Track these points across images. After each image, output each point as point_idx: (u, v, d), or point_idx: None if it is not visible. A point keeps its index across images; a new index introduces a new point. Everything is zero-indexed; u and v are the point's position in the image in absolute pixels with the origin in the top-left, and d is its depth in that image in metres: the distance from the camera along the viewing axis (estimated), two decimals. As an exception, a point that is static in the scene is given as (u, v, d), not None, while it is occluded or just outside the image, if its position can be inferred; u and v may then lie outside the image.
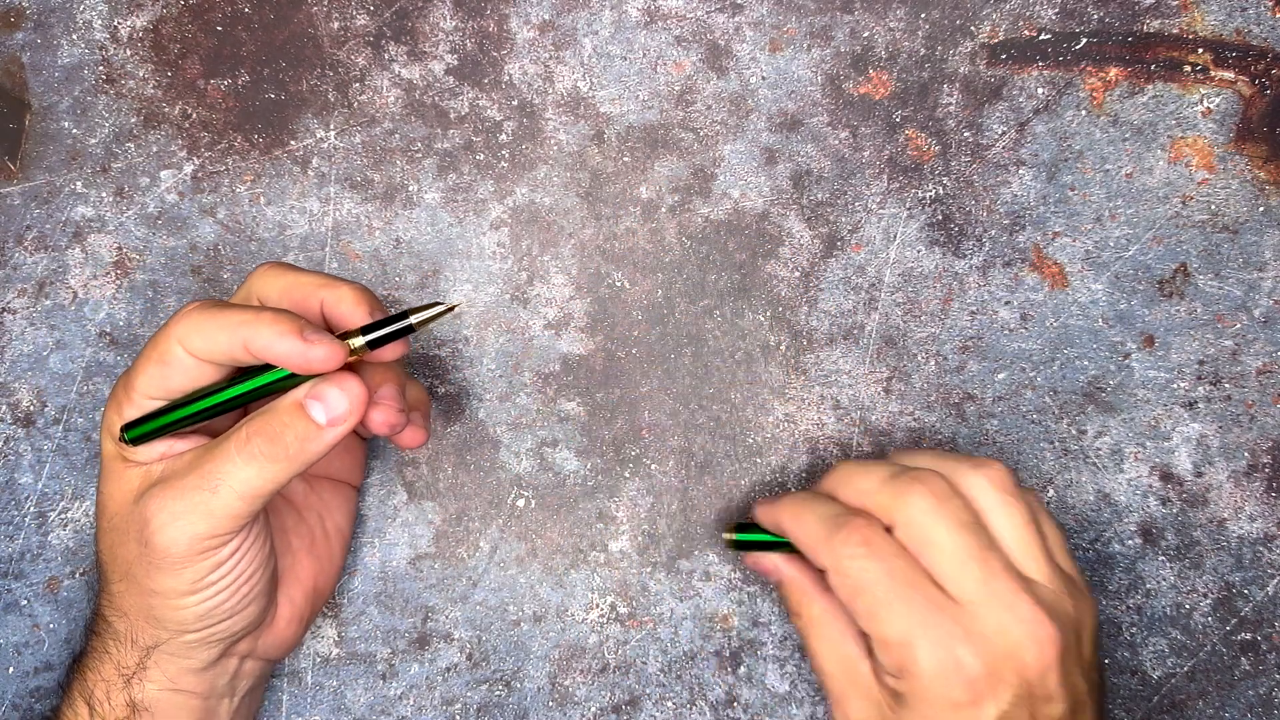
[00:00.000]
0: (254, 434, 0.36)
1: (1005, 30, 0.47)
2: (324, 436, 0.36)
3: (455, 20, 0.47)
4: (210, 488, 0.36)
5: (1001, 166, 0.47)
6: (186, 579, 0.37)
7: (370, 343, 0.37)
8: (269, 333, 0.35)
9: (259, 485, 0.36)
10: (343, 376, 0.36)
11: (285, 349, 0.35)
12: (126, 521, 0.37)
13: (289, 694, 0.47)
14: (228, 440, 0.36)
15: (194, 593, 0.37)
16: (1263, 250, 0.47)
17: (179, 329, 0.36)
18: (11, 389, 0.47)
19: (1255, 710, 0.47)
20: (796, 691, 0.47)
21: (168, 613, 0.38)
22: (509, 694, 0.47)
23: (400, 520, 0.48)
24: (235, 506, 0.36)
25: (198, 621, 0.38)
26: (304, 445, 0.36)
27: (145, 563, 0.37)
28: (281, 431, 0.35)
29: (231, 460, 0.36)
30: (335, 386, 0.36)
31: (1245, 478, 0.47)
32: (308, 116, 0.47)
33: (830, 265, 0.48)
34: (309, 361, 0.35)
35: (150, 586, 0.37)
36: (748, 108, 0.47)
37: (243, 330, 0.35)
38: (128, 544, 0.37)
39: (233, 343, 0.35)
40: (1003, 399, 0.47)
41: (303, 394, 0.36)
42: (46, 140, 0.47)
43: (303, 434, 0.36)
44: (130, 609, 0.39)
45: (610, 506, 0.48)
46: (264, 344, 0.35)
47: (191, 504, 0.36)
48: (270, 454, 0.36)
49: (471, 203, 0.48)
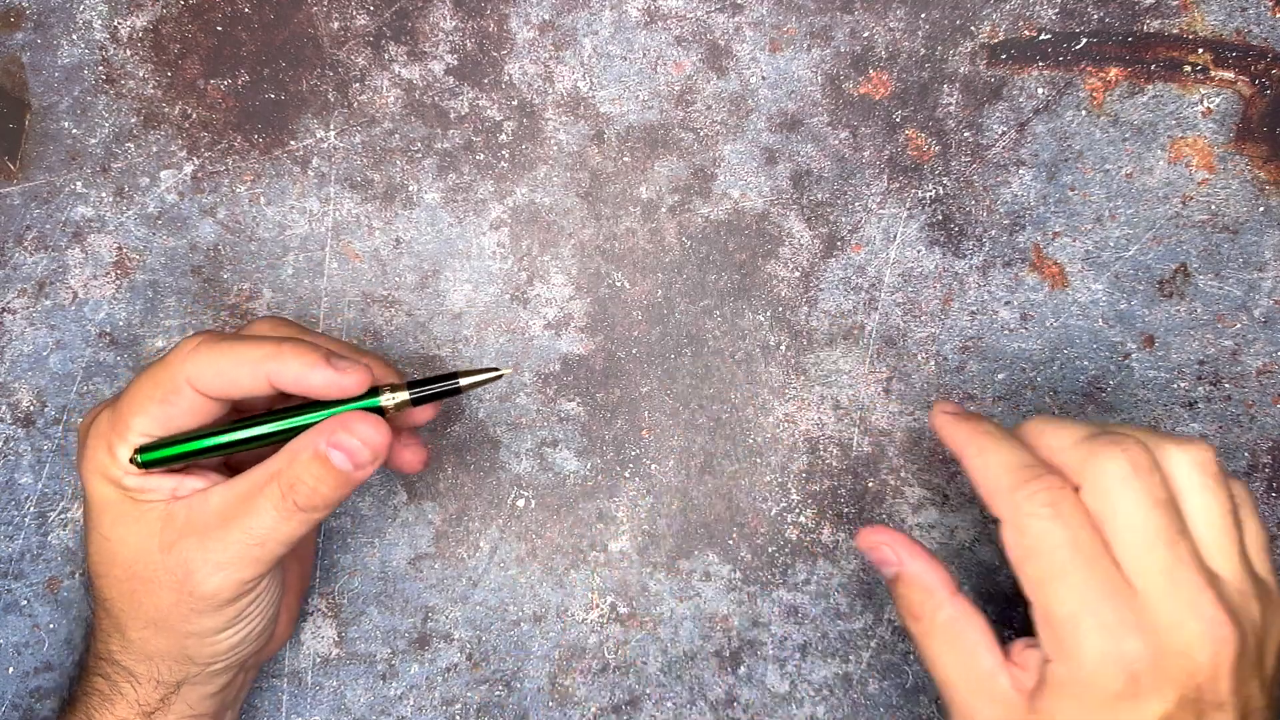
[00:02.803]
0: (288, 490, 0.36)
1: (1005, 30, 0.47)
2: (353, 482, 0.36)
3: (455, 20, 0.47)
4: (257, 542, 0.36)
5: (1001, 166, 0.47)
6: (224, 618, 0.37)
7: (414, 400, 0.37)
8: (297, 364, 0.35)
9: (297, 535, 0.37)
10: (359, 422, 0.36)
11: (319, 380, 0.35)
12: (157, 571, 0.37)
13: (289, 694, 0.47)
14: (261, 495, 0.36)
15: (229, 628, 0.38)
16: (1263, 250, 0.47)
17: (189, 367, 0.35)
18: (11, 389, 0.47)
19: (1255, 710, 0.47)
20: (796, 691, 0.47)
21: (203, 650, 0.38)
22: (509, 694, 0.47)
23: (400, 520, 0.48)
24: (278, 553, 0.37)
25: (230, 652, 0.39)
26: (335, 494, 0.36)
27: (185, 609, 0.37)
28: (317, 486, 0.36)
29: (271, 515, 0.36)
30: (356, 437, 0.36)
31: (1245, 478, 0.47)
32: (308, 116, 0.47)
33: (830, 265, 0.48)
34: (343, 390, 0.35)
35: (188, 630, 0.37)
36: (748, 108, 0.47)
37: (267, 365, 0.35)
38: (159, 592, 0.37)
39: (255, 378, 0.35)
40: (1003, 399, 0.47)
41: (322, 444, 0.36)
42: (46, 140, 0.47)
43: (334, 485, 0.36)
44: (157, 652, 0.38)
45: (610, 506, 0.48)
46: (294, 376, 0.35)
47: (237, 555, 0.36)
48: (310, 508, 0.36)
49: (471, 203, 0.48)
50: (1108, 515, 0.33)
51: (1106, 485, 0.33)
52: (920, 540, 0.47)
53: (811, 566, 0.47)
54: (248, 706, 0.47)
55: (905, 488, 0.48)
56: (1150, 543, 0.33)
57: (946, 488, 0.48)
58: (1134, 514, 0.33)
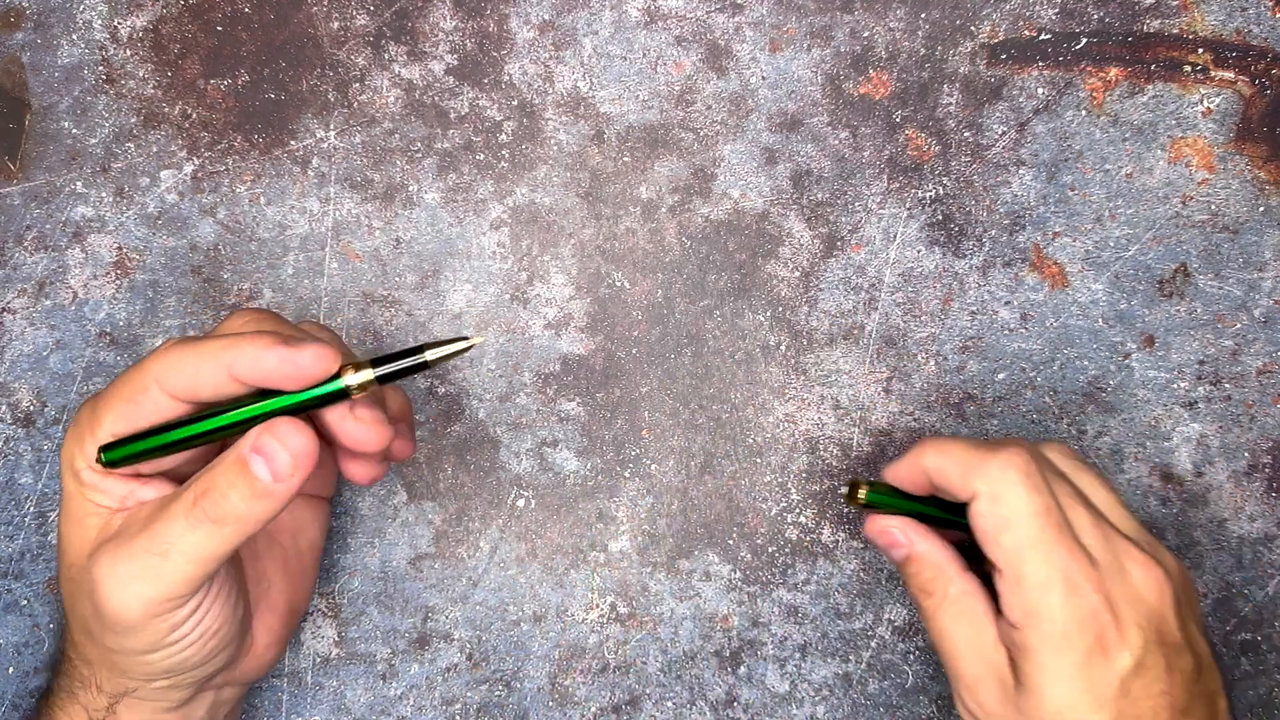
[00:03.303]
0: (200, 496, 0.33)
1: (1005, 30, 0.47)
2: (272, 495, 0.33)
3: (455, 20, 0.47)
4: (160, 552, 0.33)
5: (1001, 166, 0.47)
6: (144, 640, 0.34)
7: (380, 378, 0.34)
8: (252, 350, 0.32)
9: (210, 550, 0.33)
10: (284, 426, 0.33)
11: (272, 361, 0.32)
12: (81, 575, 0.35)
13: (289, 694, 0.47)
14: (176, 501, 0.33)
15: (154, 650, 0.35)
16: (1263, 250, 0.47)
17: (156, 366, 0.34)
18: (11, 389, 0.47)
19: (1255, 710, 0.47)
20: (796, 691, 0.47)
21: (132, 667, 0.36)
22: (509, 694, 0.47)
23: (400, 520, 0.48)
24: (186, 571, 0.33)
25: (165, 674, 0.36)
26: (251, 508, 0.33)
27: (99, 623, 0.34)
28: (227, 493, 0.32)
29: (179, 522, 0.33)
30: (275, 438, 0.32)
31: (1245, 478, 0.47)
32: (308, 116, 0.47)
33: (830, 265, 0.48)
34: (300, 369, 0.32)
35: (109, 645, 0.35)
36: (748, 108, 0.47)
37: (226, 355, 0.33)
38: (82, 600, 0.35)
39: (217, 373, 0.33)
40: (1003, 399, 0.47)
41: (246, 446, 0.33)
42: (46, 140, 0.47)
43: (248, 494, 0.32)
44: (93, 658, 0.36)
45: (610, 506, 0.48)
46: (249, 362, 0.32)
47: (141, 568, 0.33)
48: (218, 518, 0.33)
49: (471, 203, 0.48)
50: None
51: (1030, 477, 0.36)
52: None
53: (811, 566, 0.47)
54: (247, 706, 0.47)
55: (905, 488, 0.48)
56: (1090, 518, 0.36)
57: (946, 488, 0.48)
58: (1066, 496, 0.36)
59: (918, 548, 0.38)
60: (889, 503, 0.39)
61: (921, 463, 0.37)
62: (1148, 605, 0.35)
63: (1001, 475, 0.35)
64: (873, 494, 0.39)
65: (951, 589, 0.37)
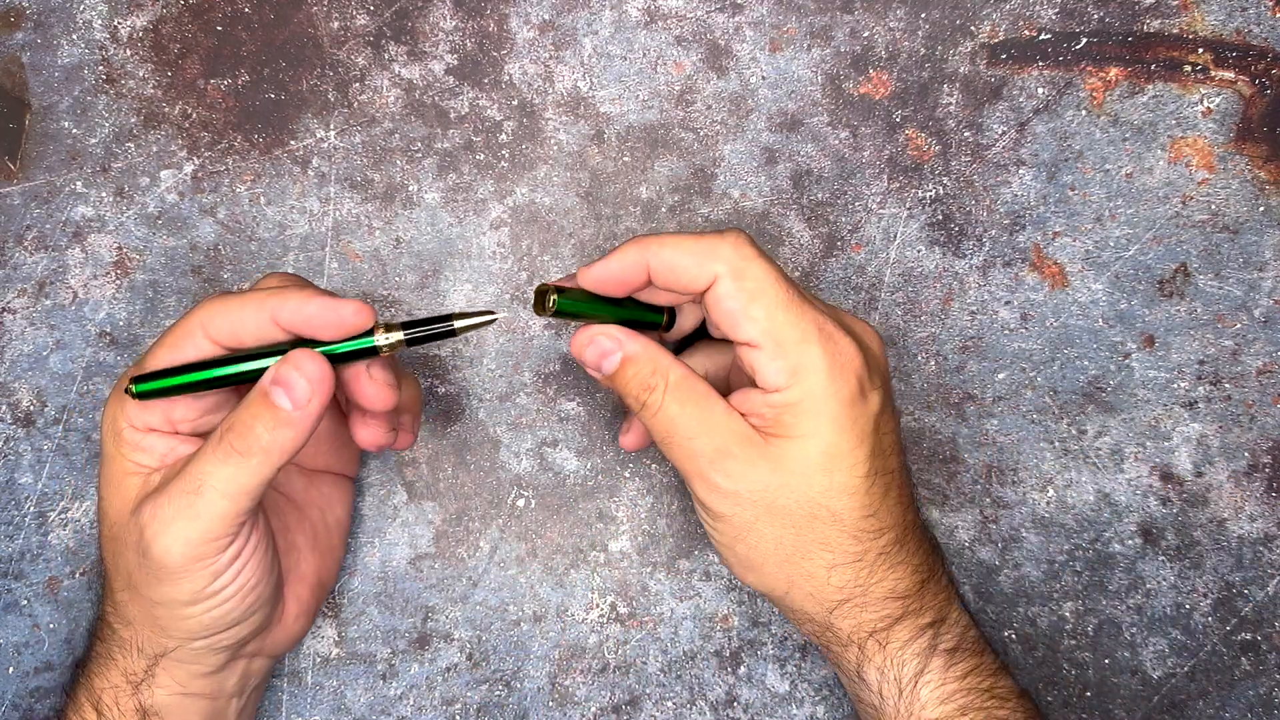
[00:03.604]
0: (227, 430, 0.35)
1: (1005, 30, 0.47)
2: (293, 423, 0.35)
3: (455, 20, 0.47)
4: (194, 489, 0.35)
5: (1001, 166, 0.47)
6: (186, 589, 0.36)
7: (408, 341, 0.36)
8: (297, 297, 0.35)
9: (240, 483, 0.35)
10: (300, 356, 0.35)
11: (314, 308, 0.35)
12: (125, 530, 0.37)
13: (289, 694, 0.47)
14: (206, 443, 0.36)
15: (196, 603, 0.37)
16: (1263, 250, 0.47)
17: (202, 313, 0.36)
18: (11, 389, 0.47)
19: (1255, 710, 0.47)
20: (796, 691, 0.47)
21: (173, 623, 0.37)
22: (509, 694, 0.47)
23: (400, 520, 0.48)
24: (221, 506, 0.35)
25: (204, 630, 0.38)
26: (275, 436, 0.35)
27: (144, 572, 0.36)
28: (252, 424, 0.35)
29: (210, 459, 0.35)
30: (293, 368, 0.35)
31: (1245, 478, 0.47)
32: (308, 116, 0.47)
33: (830, 265, 0.48)
34: (340, 318, 0.35)
35: (152, 597, 0.37)
36: (748, 108, 0.47)
37: (270, 302, 0.35)
38: (127, 553, 0.37)
39: (260, 319, 0.35)
40: (1003, 399, 0.47)
41: (268, 381, 0.35)
42: (46, 140, 0.47)
43: (271, 424, 0.35)
44: (135, 618, 0.38)
45: (610, 506, 0.48)
46: (294, 308, 0.35)
47: (179, 508, 0.35)
48: (245, 448, 0.35)
49: (471, 203, 0.48)
50: None
51: None
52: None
53: (811, 566, 0.47)
54: (248, 706, 0.47)
55: (905, 488, 0.48)
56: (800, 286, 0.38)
57: (946, 488, 0.48)
58: None
59: (629, 347, 0.38)
60: (580, 308, 0.38)
61: (647, 258, 0.37)
62: (874, 354, 0.38)
63: (737, 253, 0.36)
64: (563, 301, 0.38)
65: (673, 375, 0.38)
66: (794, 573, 0.38)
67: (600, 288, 0.38)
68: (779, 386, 0.36)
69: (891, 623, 0.38)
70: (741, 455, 0.37)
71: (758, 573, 0.38)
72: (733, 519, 0.37)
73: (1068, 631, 0.47)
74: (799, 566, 0.37)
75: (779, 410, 0.36)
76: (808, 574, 0.38)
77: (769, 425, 0.37)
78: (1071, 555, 0.47)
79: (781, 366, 0.36)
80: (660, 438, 0.38)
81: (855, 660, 0.39)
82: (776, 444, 0.36)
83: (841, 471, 0.36)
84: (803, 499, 0.37)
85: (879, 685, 0.38)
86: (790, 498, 0.37)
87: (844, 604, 0.38)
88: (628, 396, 0.38)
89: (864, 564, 0.37)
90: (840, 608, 0.38)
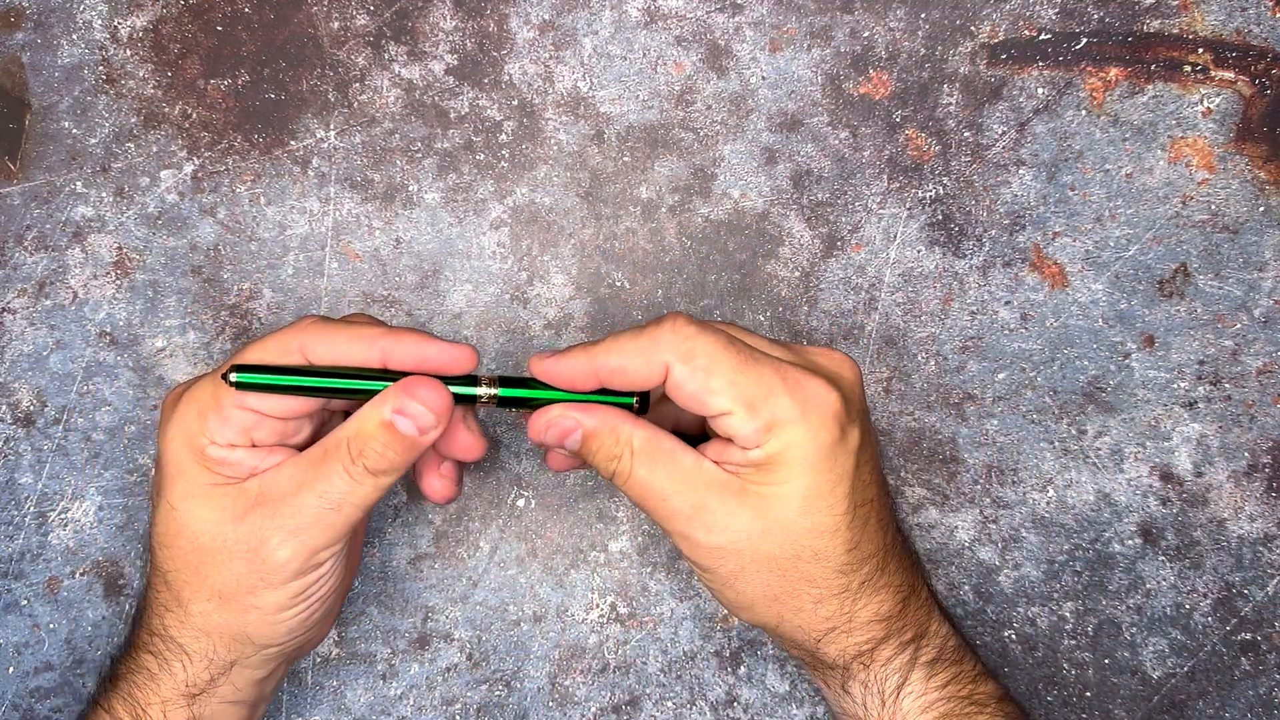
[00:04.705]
0: (358, 456, 0.37)
1: (1005, 30, 0.47)
2: (418, 447, 0.37)
3: (455, 20, 0.47)
4: (332, 506, 0.37)
5: (1001, 166, 0.47)
6: (291, 592, 0.38)
7: (499, 400, 0.38)
8: (413, 341, 0.37)
9: (371, 499, 0.38)
10: (422, 387, 0.37)
11: (433, 351, 0.37)
12: (228, 542, 0.37)
13: (289, 694, 0.47)
14: (332, 460, 0.37)
15: (293, 606, 0.38)
16: (1263, 250, 0.47)
17: (304, 337, 0.37)
18: (11, 389, 0.47)
19: (1255, 710, 0.47)
20: (796, 691, 0.47)
21: (263, 628, 0.38)
22: (509, 694, 0.47)
23: (400, 520, 0.48)
24: (353, 519, 0.38)
25: (289, 634, 0.39)
26: (403, 459, 0.37)
27: (253, 580, 0.37)
28: (384, 451, 0.37)
29: (343, 479, 0.37)
30: (419, 403, 0.37)
31: (1245, 478, 0.47)
32: (308, 116, 0.47)
33: (830, 265, 0.48)
34: (456, 361, 0.37)
35: (252, 603, 0.38)
36: (748, 108, 0.47)
37: (382, 341, 0.37)
38: (229, 564, 0.37)
39: (369, 354, 0.37)
40: (1003, 399, 0.47)
41: (387, 411, 0.37)
42: (46, 140, 0.47)
43: (401, 449, 0.37)
44: (216, 627, 0.38)
45: (610, 506, 0.48)
46: (409, 349, 0.37)
47: (312, 519, 0.37)
48: (378, 470, 0.37)
49: (471, 203, 0.48)
50: None
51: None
52: (919, 538, 0.47)
53: (811, 566, 0.47)
54: (248, 706, 0.47)
55: (905, 488, 0.48)
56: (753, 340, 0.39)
57: (946, 488, 0.48)
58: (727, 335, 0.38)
59: (587, 423, 0.38)
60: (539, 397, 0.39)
61: (596, 366, 0.37)
62: (850, 382, 0.38)
63: (678, 336, 0.37)
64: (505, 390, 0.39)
65: (638, 440, 0.38)
66: (782, 609, 0.38)
67: (552, 382, 0.39)
68: (758, 443, 0.36)
69: (876, 644, 0.39)
70: (720, 507, 0.37)
71: (748, 612, 0.39)
72: (719, 570, 0.38)
73: (1068, 631, 0.47)
74: (786, 604, 0.38)
75: (760, 465, 0.37)
76: (795, 609, 0.38)
77: (748, 476, 0.37)
78: (1071, 555, 0.47)
79: (757, 426, 0.36)
80: (637, 501, 0.38)
81: (840, 679, 0.40)
82: (756, 490, 0.37)
83: (822, 512, 0.37)
84: (785, 542, 0.37)
85: (863, 699, 0.39)
86: (773, 543, 0.37)
87: (831, 632, 0.38)
88: (597, 468, 0.39)
89: (848, 594, 0.38)
90: (827, 636, 0.38)
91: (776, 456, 0.36)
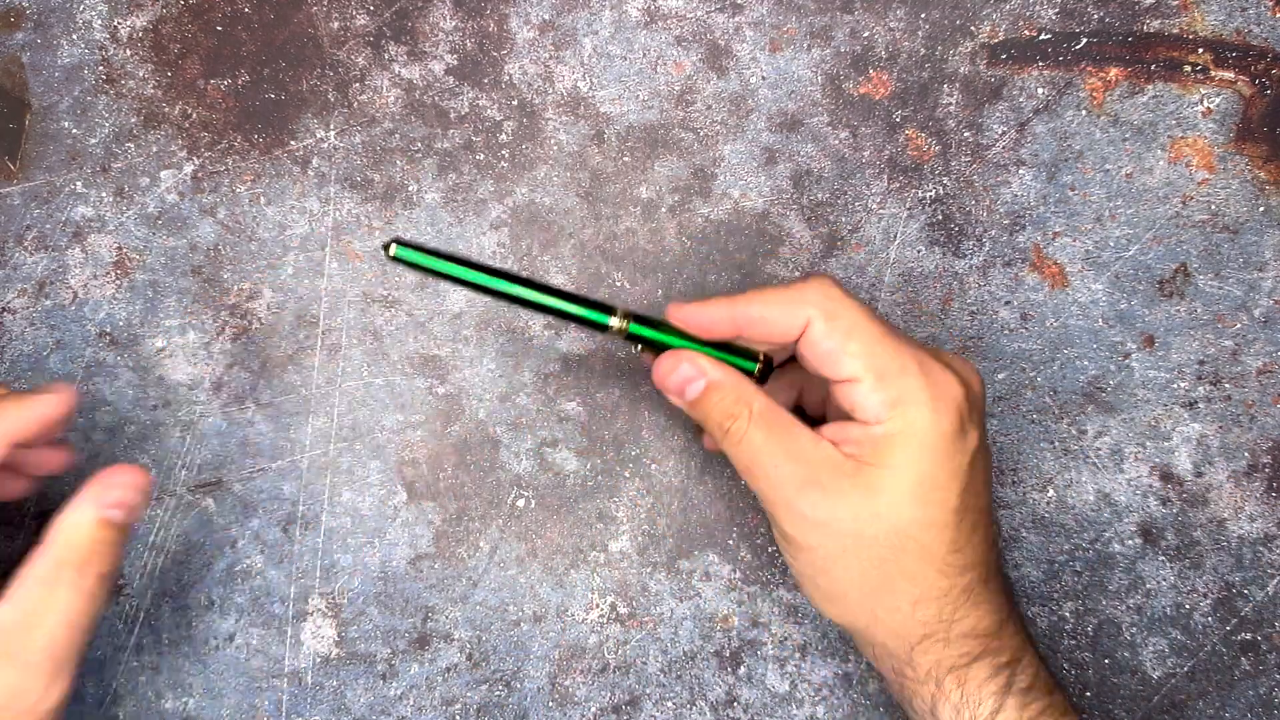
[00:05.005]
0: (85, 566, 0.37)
1: (1005, 30, 0.47)
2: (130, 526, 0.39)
3: (455, 20, 0.47)
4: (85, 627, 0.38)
5: (1001, 166, 0.47)
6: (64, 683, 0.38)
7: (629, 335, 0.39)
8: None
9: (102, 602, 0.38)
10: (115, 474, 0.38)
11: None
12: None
13: (289, 694, 0.47)
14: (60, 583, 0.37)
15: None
16: (1263, 250, 0.47)
17: None
18: (11, 389, 0.47)
19: (1255, 710, 0.47)
20: (796, 691, 0.47)
21: None
22: (509, 694, 0.47)
23: (400, 520, 0.48)
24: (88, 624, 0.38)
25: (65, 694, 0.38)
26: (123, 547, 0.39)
27: None
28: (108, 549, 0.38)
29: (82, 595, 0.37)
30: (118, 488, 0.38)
31: (1245, 478, 0.47)
32: (308, 116, 0.47)
33: (830, 265, 0.48)
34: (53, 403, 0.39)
35: None
36: (748, 108, 0.47)
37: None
38: None
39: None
40: (1003, 399, 0.47)
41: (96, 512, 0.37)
42: (46, 140, 0.47)
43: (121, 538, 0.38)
44: None
45: (610, 506, 0.48)
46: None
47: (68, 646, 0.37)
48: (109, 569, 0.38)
49: (471, 203, 0.48)
50: None
51: None
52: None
53: (811, 566, 0.47)
54: (248, 706, 0.47)
55: (905, 488, 0.48)
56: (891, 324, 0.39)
57: (946, 488, 0.48)
58: None
59: (713, 375, 0.38)
60: (667, 339, 0.39)
61: (734, 315, 0.38)
62: (976, 387, 0.38)
63: (826, 296, 0.37)
64: (638, 328, 0.39)
65: (757, 405, 0.38)
66: (877, 606, 0.37)
67: (687, 328, 0.38)
68: (880, 419, 0.36)
69: (970, 660, 0.37)
70: (830, 484, 0.36)
71: (840, 605, 0.38)
72: (817, 550, 0.37)
73: (1068, 631, 0.47)
74: (883, 600, 0.37)
75: (877, 441, 0.36)
76: (892, 608, 0.37)
77: (864, 454, 0.36)
78: (1071, 555, 0.47)
79: (883, 399, 0.36)
80: (744, 467, 0.38)
81: (930, 696, 0.38)
82: (869, 472, 0.36)
83: (934, 504, 0.36)
84: (892, 529, 0.36)
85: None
86: (879, 527, 0.36)
87: (926, 639, 0.37)
88: (710, 424, 0.38)
89: (948, 600, 0.37)
90: (922, 643, 0.37)
91: (897, 436, 0.36)
